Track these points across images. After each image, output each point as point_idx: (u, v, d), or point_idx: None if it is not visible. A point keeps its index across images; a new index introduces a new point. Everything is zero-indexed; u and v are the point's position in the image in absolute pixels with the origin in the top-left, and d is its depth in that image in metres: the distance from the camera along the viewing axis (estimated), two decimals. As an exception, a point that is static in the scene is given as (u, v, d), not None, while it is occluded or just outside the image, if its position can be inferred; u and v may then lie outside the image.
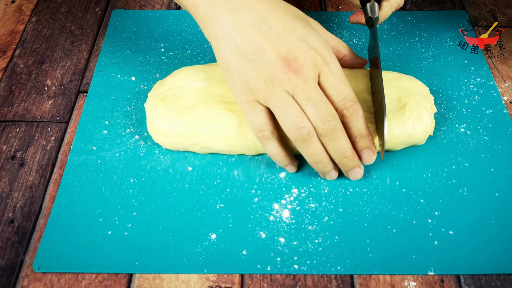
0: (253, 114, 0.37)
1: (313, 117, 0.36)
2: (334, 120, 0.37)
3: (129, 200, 0.40)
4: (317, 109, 0.36)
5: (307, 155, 0.38)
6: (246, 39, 0.37)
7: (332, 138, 0.37)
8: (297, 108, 0.36)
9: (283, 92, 0.36)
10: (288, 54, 0.37)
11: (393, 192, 0.40)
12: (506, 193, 0.40)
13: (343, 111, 0.38)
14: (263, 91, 0.37)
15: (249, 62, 0.37)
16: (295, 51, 0.37)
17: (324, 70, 0.37)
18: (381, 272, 0.36)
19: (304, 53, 0.37)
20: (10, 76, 0.51)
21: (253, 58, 0.36)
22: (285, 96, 0.36)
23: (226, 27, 0.37)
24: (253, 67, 0.37)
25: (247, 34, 0.37)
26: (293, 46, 0.37)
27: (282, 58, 0.36)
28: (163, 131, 0.42)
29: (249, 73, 0.37)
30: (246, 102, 0.37)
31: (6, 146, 0.45)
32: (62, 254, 0.37)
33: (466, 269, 0.36)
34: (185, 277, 0.36)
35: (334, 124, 0.37)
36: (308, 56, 0.37)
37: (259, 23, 0.37)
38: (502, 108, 0.47)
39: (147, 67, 0.51)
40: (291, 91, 0.36)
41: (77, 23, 0.56)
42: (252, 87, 0.37)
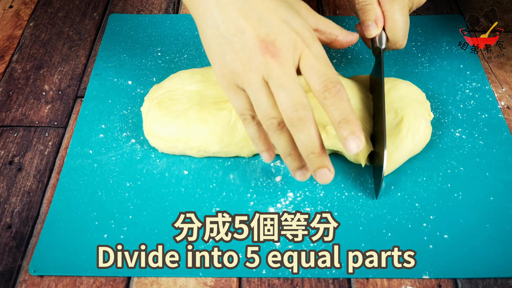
0: (235, 98, 0.37)
1: (283, 105, 0.34)
2: (304, 110, 0.34)
3: (125, 203, 0.40)
4: (288, 97, 0.34)
5: (278, 146, 0.37)
6: (226, 18, 0.35)
7: (300, 129, 0.34)
8: (271, 98, 0.35)
9: (258, 77, 0.35)
10: (267, 36, 0.35)
11: (388, 196, 0.41)
12: (501, 197, 0.40)
13: (324, 92, 0.34)
14: (239, 74, 0.35)
15: (228, 43, 0.35)
16: (275, 32, 0.35)
17: (305, 52, 0.35)
18: (376, 276, 0.36)
19: (284, 35, 0.35)
20: (8, 81, 0.51)
21: (232, 39, 0.35)
22: (259, 83, 0.35)
23: (208, 4, 0.36)
24: (231, 48, 0.35)
25: (228, 12, 0.35)
26: (273, 28, 0.35)
27: (260, 40, 0.35)
28: (159, 135, 0.42)
29: (227, 54, 0.35)
30: (227, 87, 0.37)
31: (4, 151, 0.45)
32: (58, 257, 0.37)
33: (461, 273, 0.36)
34: (183, 282, 0.36)
35: (304, 114, 0.34)
36: (289, 39, 0.35)
37: (242, 2, 0.35)
38: (497, 112, 0.47)
39: (143, 71, 0.51)
40: (266, 76, 0.35)
41: (74, 28, 0.57)
42: (230, 70, 0.36)
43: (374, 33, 0.44)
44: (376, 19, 0.43)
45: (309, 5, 0.59)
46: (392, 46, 0.45)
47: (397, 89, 0.45)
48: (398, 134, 0.41)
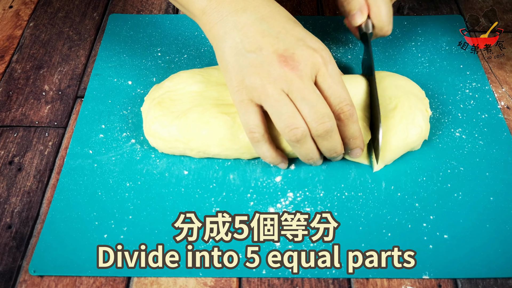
0: (246, 113, 0.37)
1: (308, 118, 0.36)
2: (329, 121, 0.37)
3: (125, 203, 0.40)
4: (312, 109, 0.36)
5: (299, 153, 0.39)
6: (245, 37, 0.37)
7: (326, 138, 0.37)
8: (292, 107, 0.36)
9: (278, 90, 0.36)
10: (285, 50, 0.37)
11: (388, 196, 0.41)
12: (501, 197, 0.40)
13: (340, 114, 0.37)
14: (257, 88, 0.36)
15: (246, 59, 0.37)
16: (293, 48, 0.37)
17: (322, 70, 0.37)
18: (376, 276, 0.36)
19: (302, 51, 0.37)
20: (7, 81, 0.51)
21: (251, 55, 0.37)
22: (279, 94, 0.36)
23: (227, 27, 0.38)
24: (250, 64, 0.37)
25: (246, 33, 0.37)
26: (291, 44, 0.37)
27: (279, 54, 0.36)
28: (159, 135, 0.42)
29: (245, 70, 0.37)
30: (240, 101, 0.37)
31: (4, 151, 0.45)
32: (58, 258, 0.37)
33: (461, 273, 0.36)
34: (183, 282, 0.36)
35: (329, 126, 0.37)
36: (306, 54, 0.37)
37: (259, 23, 0.37)
38: (497, 112, 0.47)
39: (143, 71, 0.51)
40: (286, 89, 0.36)
41: (74, 28, 0.57)
42: (247, 85, 0.37)
43: (360, 20, 0.45)
44: (361, 7, 0.45)
45: (309, 5, 0.60)
46: (378, 33, 0.46)
47: (394, 78, 0.45)
48: (391, 118, 0.42)
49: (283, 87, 0.36)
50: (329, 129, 0.37)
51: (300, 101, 0.36)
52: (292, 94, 0.36)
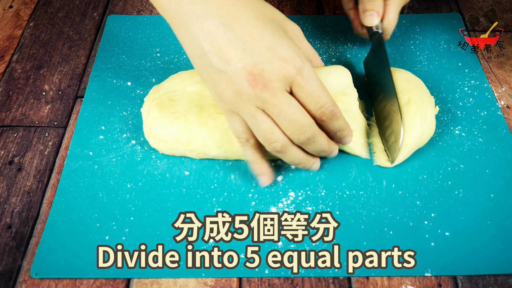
0: (231, 121, 0.38)
1: (288, 131, 0.36)
2: (309, 129, 0.36)
3: (126, 205, 0.40)
4: (290, 123, 0.36)
5: (286, 161, 0.39)
6: (212, 48, 0.35)
7: (310, 143, 0.37)
8: (269, 123, 0.36)
9: (253, 107, 0.35)
10: (254, 66, 0.34)
11: (389, 194, 0.41)
12: (502, 194, 0.40)
13: (321, 117, 0.37)
14: (232, 103, 0.36)
15: (217, 73, 0.35)
16: (262, 62, 0.34)
17: (296, 80, 0.35)
18: (378, 274, 0.36)
19: (271, 65, 0.34)
20: (7, 81, 0.51)
21: (221, 69, 0.35)
22: (254, 111, 0.35)
23: (192, 35, 0.36)
24: (221, 79, 0.35)
25: (212, 42, 0.35)
26: (259, 57, 0.34)
27: (248, 72, 0.34)
28: (159, 137, 0.42)
29: (218, 84, 0.36)
30: (224, 110, 0.38)
31: (4, 151, 0.45)
32: (59, 260, 0.37)
33: (463, 270, 0.36)
34: (183, 282, 0.36)
35: (310, 133, 0.36)
36: (277, 68, 0.35)
37: (224, 30, 0.35)
38: (496, 110, 0.47)
39: (142, 72, 0.51)
40: (260, 106, 0.35)
41: (74, 28, 0.57)
42: (223, 99, 0.37)
43: (375, 22, 0.46)
44: (379, 10, 0.45)
45: (309, 5, 0.60)
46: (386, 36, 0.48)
47: (403, 72, 0.46)
48: (406, 114, 0.42)
49: (257, 104, 0.35)
50: (310, 136, 0.37)
51: (277, 116, 0.35)
52: (268, 111, 0.35)
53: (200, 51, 0.36)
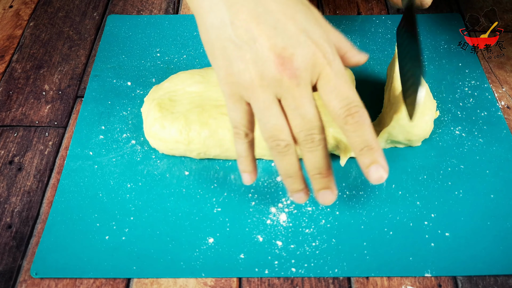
0: (234, 110, 0.33)
1: (296, 128, 0.32)
2: (318, 133, 0.32)
3: (126, 205, 0.40)
4: (304, 121, 0.32)
5: (279, 167, 0.34)
6: (236, 20, 0.31)
7: (311, 151, 0.33)
8: (281, 119, 0.32)
9: (270, 96, 0.31)
10: (284, 49, 0.30)
11: (389, 194, 0.41)
12: (502, 195, 0.40)
13: (346, 117, 0.32)
14: (247, 88, 0.32)
15: (237, 50, 0.31)
16: (293, 46, 0.31)
17: (325, 70, 0.32)
18: (378, 275, 0.36)
19: (303, 50, 0.31)
20: (8, 81, 0.51)
21: (242, 46, 0.31)
22: (270, 101, 0.32)
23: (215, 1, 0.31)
24: (241, 57, 0.31)
25: (238, 13, 0.31)
26: (290, 39, 0.31)
27: (276, 54, 0.30)
28: (159, 137, 0.42)
29: (235, 63, 0.31)
30: (229, 95, 0.33)
31: (4, 151, 0.45)
32: (59, 260, 0.37)
33: (463, 271, 0.36)
34: (183, 282, 0.36)
35: (317, 138, 0.32)
36: (308, 54, 0.31)
37: (255, 4, 0.31)
38: (496, 110, 0.47)
39: (142, 72, 0.51)
40: (279, 95, 0.32)
41: (74, 28, 0.57)
42: (236, 81, 0.32)
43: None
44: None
45: (308, 4, 0.60)
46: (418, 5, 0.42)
47: None
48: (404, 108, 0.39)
49: (276, 92, 0.31)
50: (317, 141, 0.32)
51: (292, 110, 0.32)
52: (285, 101, 0.32)
53: (219, 21, 0.31)
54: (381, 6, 0.59)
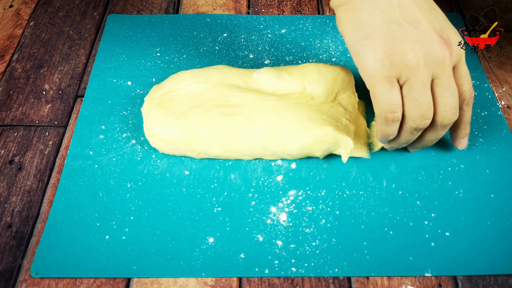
0: (389, 92, 0.34)
1: (446, 106, 0.35)
2: (456, 113, 0.37)
3: (126, 204, 0.40)
4: (453, 99, 0.35)
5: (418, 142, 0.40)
6: (401, 4, 0.34)
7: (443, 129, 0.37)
8: (431, 98, 0.35)
9: (429, 74, 0.34)
10: (442, 31, 0.34)
11: (389, 194, 0.41)
12: (502, 194, 0.40)
13: (469, 99, 0.37)
14: (411, 67, 0.33)
15: (402, 30, 0.33)
16: (448, 30, 0.35)
17: (462, 58, 0.36)
18: (378, 274, 0.36)
19: (454, 34, 0.35)
20: (8, 80, 0.51)
21: (407, 27, 0.33)
22: (428, 79, 0.34)
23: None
24: (406, 38, 0.33)
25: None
26: (444, 25, 0.35)
27: (439, 35, 0.34)
28: (160, 136, 0.42)
29: (399, 44, 0.33)
30: (384, 77, 0.34)
31: (4, 150, 0.45)
32: (59, 259, 0.37)
33: (463, 270, 0.36)
34: (183, 282, 0.36)
35: (455, 118, 0.37)
36: (456, 39, 0.35)
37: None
38: (497, 110, 0.47)
39: (143, 71, 0.51)
40: (436, 74, 0.34)
41: (75, 27, 0.57)
42: (398, 61, 0.33)
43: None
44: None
45: (309, 5, 0.60)
46: None
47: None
48: None
49: (435, 71, 0.34)
50: (454, 119, 0.37)
51: (445, 89, 0.35)
52: (439, 80, 0.34)
53: (386, 4, 0.34)
54: (381, 6, 0.59)
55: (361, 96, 0.47)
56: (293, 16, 0.57)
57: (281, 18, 0.57)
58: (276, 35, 0.55)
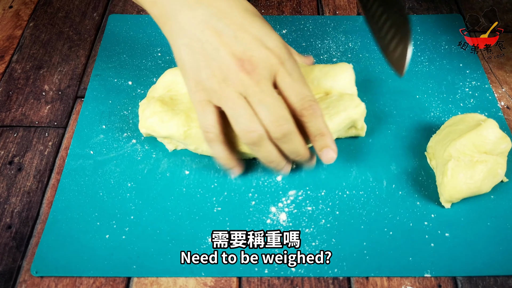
0: (203, 114, 0.37)
1: (266, 120, 0.36)
2: (286, 123, 0.36)
3: (126, 204, 0.40)
4: (269, 112, 0.36)
5: (259, 156, 0.39)
6: (202, 36, 0.36)
7: (285, 141, 0.37)
8: (249, 110, 0.36)
9: (236, 93, 0.36)
10: (243, 53, 0.36)
11: (389, 195, 0.41)
12: (502, 195, 0.40)
13: (302, 111, 0.37)
14: (216, 91, 0.36)
15: (204, 60, 0.36)
16: (251, 50, 0.36)
17: (280, 70, 0.37)
18: (378, 275, 0.36)
19: (260, 53, 0.36)
20: (7, 81, 0.51)
21: (208, 57, 0.36)
22: (237, 97, 0.36)
23: (182, 23, 0.37)
24: (207, 66, 0.36)
25: (203, 31, 0.36)
26: (248, 45, 0.36)
27: (236, 58, 0.36)
28: (155, 129, 0.41)
29: (203, 71, 0.36)
30: (198, 101, 0.37)
31: (4, 151, 0.45)
32: (59, 258, 0.37)
33: (462, 271, 0.36)
34: (183, 282, 0.36)
35: (287, 128, 0.36)
36: (264, 56, 0.36)
37: (216, 20, 0.36)
38: (497, 111, 0.47)
39: (143, 71, 0.51)
40: (244, 93, 0.36)
41: (74, 28, 0.57)
42: (205, 87, 0.36)
43: None
44: None
45: (309, 5, 0.60)
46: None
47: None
48: None
49: (240, 90, 0.36)
50: (287, 131, 0.37)
51: (257, 104, 0.36)
52: (249, 98, 0.36)
53: (188, 40, 0.36)
54: (381, 6, 0.59)
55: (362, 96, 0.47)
56: (293, 17, 0.57)
57: (282, 18, 0.57)
58: (276, 35, 0.55)
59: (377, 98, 0.48)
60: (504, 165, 0.40)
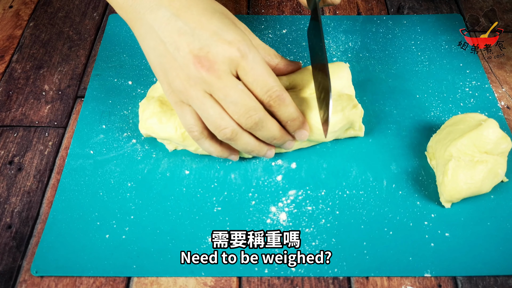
0: (182, 114, 0.38)
1: (235, 115, 0.36)
2: (256, 113, 0.36)
3: (126, 203, 0.40)
4: (236, 106, 0.36)
5: (238, 148, 0.39)
6: (164, 37, 0.36)
7: (259, 129, 0.37)
8: (217, 108, 0.36)
9: (201, 92, 0.36)
10: (200, 49, 0.35)
11: (389, 194, 0.41)
12: (502, 195, 0.40)
13: (269, 102, 0.37)
14: (182, 91, 0.36)
15: (169, 62, 0.36)
16: (208, 45, 0.35)
17: (241, 64, 0.36)
18: (378, 274, 0.36)
19: (217, 47, 0.35)
20: (7, 81, 0.51)
21: (171, 57, 0.36)
22: (203, 96, 0.36)
23: (146, 26, 0.37)
24: (171, 67, 0.36)
25: (164, 31, 0.36)
26: (205, 41, 0.35)
27: (194, 55, 0.35)
28: (154, 129, 0.42)
29: (169, 73, 0.36)
30: (174, 102, 0.38)
31: (4, 151, 0.45)
32: (59, 258, 0.37)
33: (462, 271, 0.36)
34: (183, 281, 0.36)
35: (257, 117, 0.36)
36: (222, 50, 0.35)
37: (175, 19, 0.36)
38: (497, 111, 0.47)
39: (143, 71, 0.51)
40: (208, 90, 0.36)
41: (74, 28, 0.57)
42: (174, 88, 0.37)
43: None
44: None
45: (308, 4, 0.60)
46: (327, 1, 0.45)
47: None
48: None
49: (204, 88, 0.36)
50: (258, 120, 0.36)
51: (223, 100, 0.36)
52: (214, 95, 0.36)
53: (153, 42, 0.36)
54: (381, 6, 0.59)
55: (362, 96, 0.47)
56: (294, 16, 0.57)
57: (282, 18, 0.57)
58: (277, 35, 0.55)
59: (377, 98, 0.48)
60: (504, 165, 0.39)
